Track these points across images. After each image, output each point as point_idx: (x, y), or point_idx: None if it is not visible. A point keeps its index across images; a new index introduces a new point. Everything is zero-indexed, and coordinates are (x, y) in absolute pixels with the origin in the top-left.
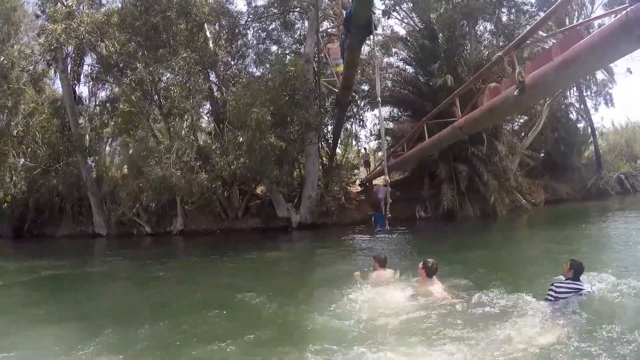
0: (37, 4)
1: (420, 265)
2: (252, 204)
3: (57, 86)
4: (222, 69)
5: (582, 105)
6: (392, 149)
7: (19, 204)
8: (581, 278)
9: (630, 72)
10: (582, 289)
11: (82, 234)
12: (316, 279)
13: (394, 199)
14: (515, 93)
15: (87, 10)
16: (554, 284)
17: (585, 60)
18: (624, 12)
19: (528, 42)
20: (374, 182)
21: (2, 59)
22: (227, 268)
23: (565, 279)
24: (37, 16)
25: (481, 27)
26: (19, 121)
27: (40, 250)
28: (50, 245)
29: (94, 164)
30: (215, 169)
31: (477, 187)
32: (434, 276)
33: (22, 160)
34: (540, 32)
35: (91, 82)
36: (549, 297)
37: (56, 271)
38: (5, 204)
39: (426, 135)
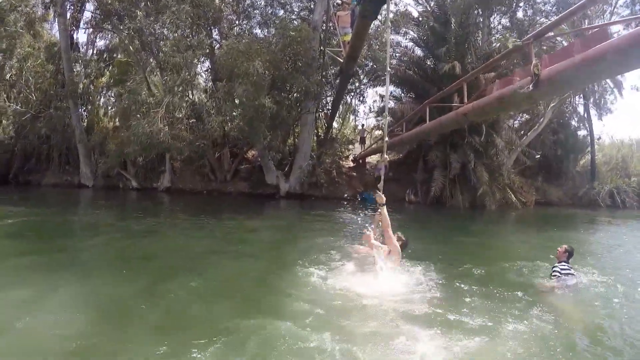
0: None
1: (399, 242)
2: (242, 168)
3: (55, 31)
4: (225, 27)
5: (585, 114)
6: (390, 128)
7: (6, 149)
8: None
9: (638, 90)
10: (573, 273)
11: (68, 184)
12: (296, 251)
13: (386, 179)
14: (529, 86)
15: None
16: (557, 266)
17: (609, 61)
18: None
19: (550, 34)
20: (368, 159)
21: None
22: (209, 230)
23: (559, 262)
24: None
25: (495, 21)
26: (13, 65)
27: (26, 197)
28: (35, 193)
29: (85, 113)
30: (207, 129)
31: (469, 177)
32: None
33: (13, 105)
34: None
35: (90, 30)
36: (556, 274)
37: (40, 218)
38: None
39: (427, 118)
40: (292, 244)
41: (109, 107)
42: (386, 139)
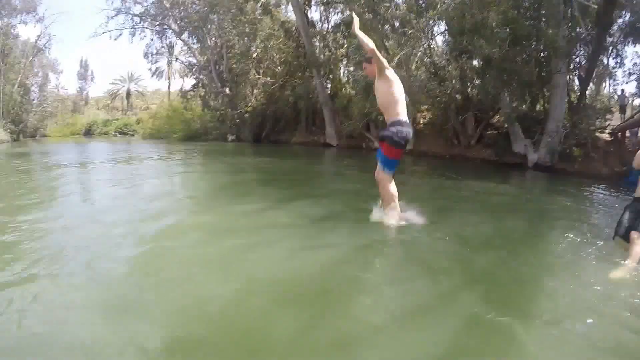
0: None
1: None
2: (487, 134)
3: (290, 13)
4: None
5: None
6: None
7: (258, 114)
8: None
9: None
10: None
11: (314, 143)
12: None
13: None
14: None
15: None
16: None
17: None
18: None
19: None
20: (627, 133)
21: None
22: (451, 192)
23: None
24: None
25: None
26: (258, 45)
27: (278, 151)
28: (284, 149)
29: (328, 82)
30: (446, 92)
31: None
32: None
33: (261, 77)
34: None
35: (322, 7)
36: None
37: (292, 166)
38: (247, 114)
39: None
40: (540, 223)
41: (350, 77)
42: None
